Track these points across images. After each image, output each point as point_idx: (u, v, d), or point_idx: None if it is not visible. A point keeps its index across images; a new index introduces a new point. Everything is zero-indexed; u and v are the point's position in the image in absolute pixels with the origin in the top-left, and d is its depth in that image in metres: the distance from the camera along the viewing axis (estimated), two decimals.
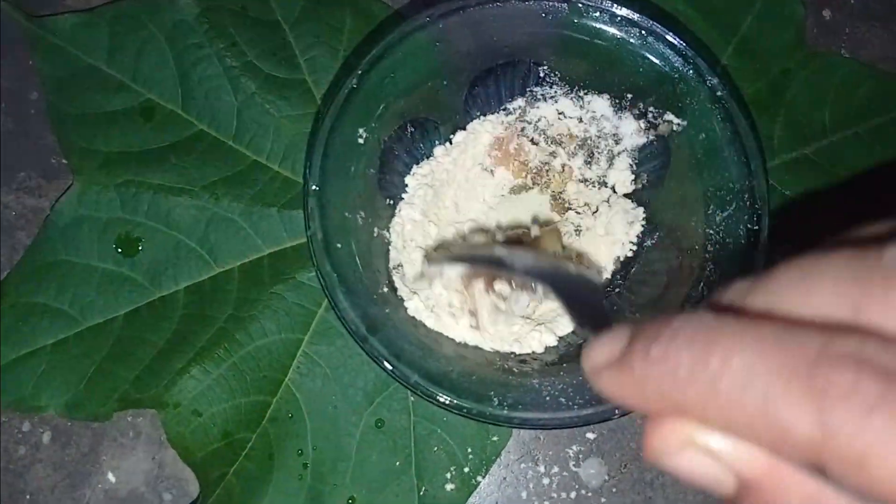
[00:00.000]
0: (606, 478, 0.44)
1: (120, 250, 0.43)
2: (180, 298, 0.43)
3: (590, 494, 0.44)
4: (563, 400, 0.34)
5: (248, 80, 0.44)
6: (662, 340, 0.17)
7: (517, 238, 0.41)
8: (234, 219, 0.44)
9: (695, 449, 0.17)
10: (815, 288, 0.17)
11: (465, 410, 0.33)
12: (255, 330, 0.43)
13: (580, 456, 0.44)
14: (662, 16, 0.45)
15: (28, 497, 0.44)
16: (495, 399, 0.34)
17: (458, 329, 0.38)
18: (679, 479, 0.18)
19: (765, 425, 0.15)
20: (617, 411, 0.33)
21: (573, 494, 0.44)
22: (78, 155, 0.43)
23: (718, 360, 0.16)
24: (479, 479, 0.42)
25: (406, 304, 0.38)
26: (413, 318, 0.38)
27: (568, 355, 0.39)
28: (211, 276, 0.43)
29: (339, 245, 0.35)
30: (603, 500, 0.44)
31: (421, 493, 0.42)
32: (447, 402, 0.33)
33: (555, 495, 0.44)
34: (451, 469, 0.42)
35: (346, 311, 0.34)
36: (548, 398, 0.34)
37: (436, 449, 0.42)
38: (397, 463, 0.42)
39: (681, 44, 0.35)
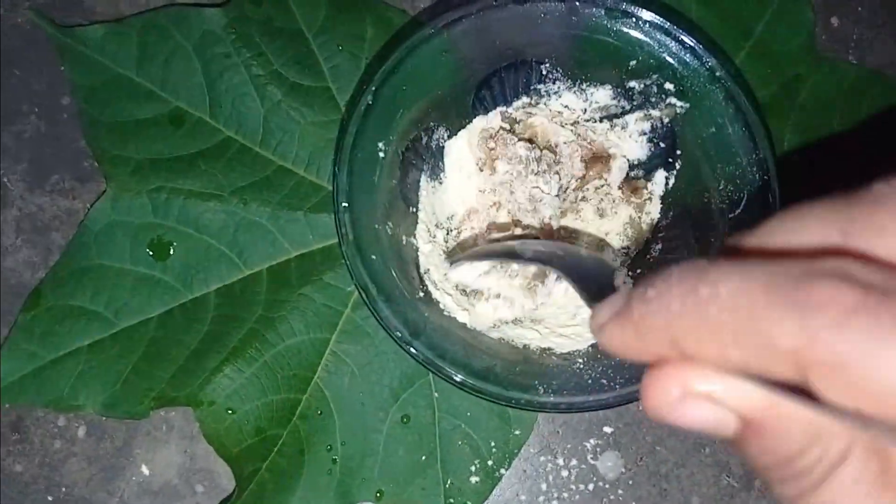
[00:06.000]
0: (623, 470, 0.46)
1: (152, 254, 0.45)
2: (211, 300, 0.45)
3: (607, 486, 0.46)
4: (604, 381, 0.36)
5: (274, 88, 0.45)
6: (657, 282, 0.18)
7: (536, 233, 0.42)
8: (262, 223, 0.45)
9: (694, 397, 0.18)
10: (806, 221, 0.18)
11: (513, 402, 0.35)
12: (284, 330, 0.44)
13: (598, 449, 0.46)
14: (677, 17, 0.46)
15: (64, 490, 0.46)
16: (540, 388, 0.35)
17: (495, 326, 0.40)
18: (682, 429, 0.19)
19: (753, 343, 0.16)
20: None
21: (591, 486, 0.46)
22: (110, 162, 0.45)
23: (707, 289, 0.16)
24: (502, 471, 0.44)
25: (441, 305, 0.40)
26: (451, 318, 0.40)
27: None
28: (240, 279, 0.45)
29: (373, 256, 0.36)
30: (620, 492, 0.46)
31: (447, 486, 0.44)
32: (495, 394, 0.35)
33: (573, 487, 0.46)
34: (476, 462, 0.44)
35: (389, 318, 0.35)
36: (590, 381, 0.36)
37: (460, 443, 0.44)
38: (423, 457, 0.44)
39: (675, 29, 0.37)
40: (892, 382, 0.14)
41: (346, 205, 0.36)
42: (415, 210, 0.42)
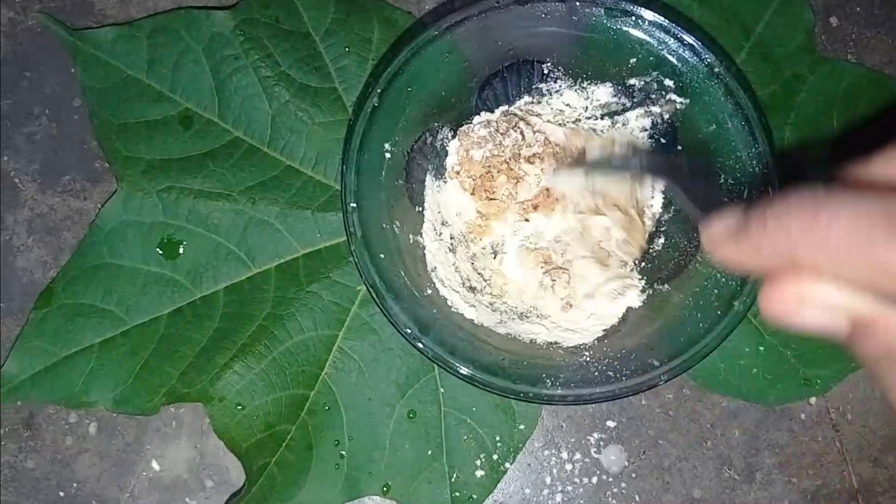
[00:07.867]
0: (626, 464, 0.47)
1: (162, 253, 0.45)
2: (220, 298, 0.45)
3: (610, 479, 0.47)
4: (610, 373, 0.36)
5: (282, 90, 0.46)
6: (777, 207, 0.20)
7: None
8: (270, 221, 0.46)
9: (811, 302, 0.20)
10: None
11: (521, 395, 0.36)
12: (292, 327, 0.45)
13: (601, 443, 0.47)
14: (677, 17, 0.46)
15: (76, 485, 0.47)
16: (548, 381, 0.36)
17: (501, 322, 0.41)
18: (799, 330, 0.21)
19: (868, 265, 0.18)
20: (663, 377, 0.35)
21: (594, 479, 0.47)
22: (121, 162, 0.46)
23: (827, 217, 0.18)
24: (507, 465, 0.45)
25: (449, 302, 0.40)
26: (459, 314, 0.40)
27: (609, 331, 0.41)
28: (249, 277, 0.46)
29: (381, 256, 0.37)
30: (623, 485, 0.47)
31: (452, 480, 0.44)
32: (504, 388, 0.36)
33: (577, 480, 0.47)
34: (481, 456, 0.45)
35: (398, 315, 0.36)
36: (596, 373, 0.37)
37: (465, 438, 0.45)
38: (429, 451, 0.45)
39: (674, 27, 0.37)
40: None
41: (355, 205, 0.37)
42: (421, 209, 0.43)
